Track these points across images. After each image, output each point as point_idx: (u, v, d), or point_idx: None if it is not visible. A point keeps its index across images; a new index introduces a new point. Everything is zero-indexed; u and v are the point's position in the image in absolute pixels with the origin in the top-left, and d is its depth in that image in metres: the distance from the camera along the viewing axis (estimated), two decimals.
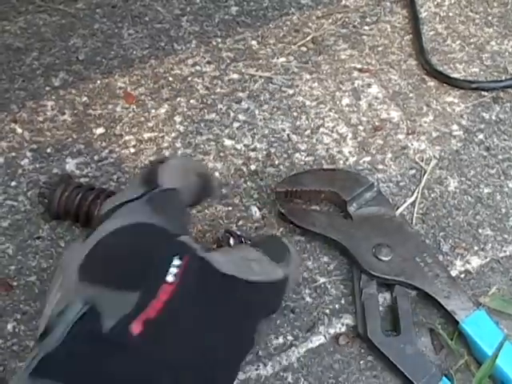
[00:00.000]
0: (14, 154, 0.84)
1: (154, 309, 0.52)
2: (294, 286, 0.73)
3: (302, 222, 0.77)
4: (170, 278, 0.54)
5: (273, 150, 0.86)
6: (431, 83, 0.95)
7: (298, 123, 0.89)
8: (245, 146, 0.86)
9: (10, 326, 0.71)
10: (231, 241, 0.73)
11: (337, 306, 0.73)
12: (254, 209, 0.80)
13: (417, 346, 0.69)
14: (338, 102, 0.91)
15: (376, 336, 0.69)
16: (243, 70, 0.94)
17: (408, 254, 0.75)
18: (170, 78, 0.93)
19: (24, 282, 0.74)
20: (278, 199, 0.79)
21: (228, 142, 0.86)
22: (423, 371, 0.67)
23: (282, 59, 0.96)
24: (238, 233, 0.75)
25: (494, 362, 0.67)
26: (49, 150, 0.84)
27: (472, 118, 0.91)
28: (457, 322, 0.71)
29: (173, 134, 0.87)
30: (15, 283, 0.74)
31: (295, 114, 0.90)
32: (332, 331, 0.71)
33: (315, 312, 0.73)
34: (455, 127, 0.90)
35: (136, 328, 0.51)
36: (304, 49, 0.98)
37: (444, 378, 0.67)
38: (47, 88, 0.91)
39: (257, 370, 0.68)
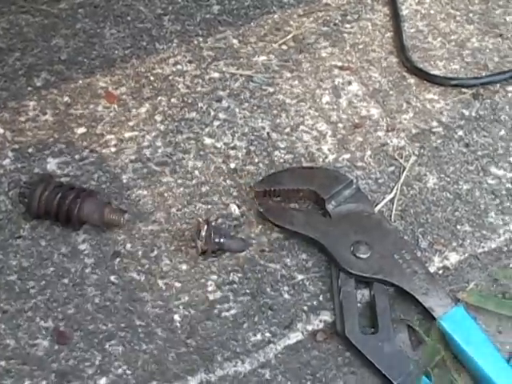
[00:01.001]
0: None
1: None
2: None
3: (280, 220, 0.78)
4: None
5: (252, 148, 0.86)
6: (411, 80, 0.95)
7: (277, 121, 0.89)
8: (225, 144, 0.86)
9: None
10: (202, 232, 0.74)
11: (315, 302, 0.74)
12: (234, 207, 0.80)
13: (395, 344, 0.70)
14: (318, 100, 0.92)
15: (354, 335, 0.70)
16: (224, 69, 0.95)
17: (386, 251, 0.75)
18: (152, 78, 0.93)
19: (5, 281, 0.74)
20: (257, 198, 0.79)
21: (208, 141, 0.87)
22: (400, 369, 0.68)
23: (263, 58, 0.96)
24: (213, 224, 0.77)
25: None
26: (30, 150, 0.85)
27: (452, 114, 0.92)
28: (434, 319, 0.71)
29: (153, 133, 0.87)
30: None
31: (275, 112, 0.90)
32: (310, 328, 0.72)
33: (293, 309, 0.73)
34: (435, 124, 0.90)
35: None
36: (285, 47, 0.98)
37: (424, 377, 0.68)
38: (29, 88, 0.91)
39: (235, 366, 0.69)
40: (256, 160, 0.85)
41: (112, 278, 0.75)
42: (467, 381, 0.69)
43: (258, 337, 0.71)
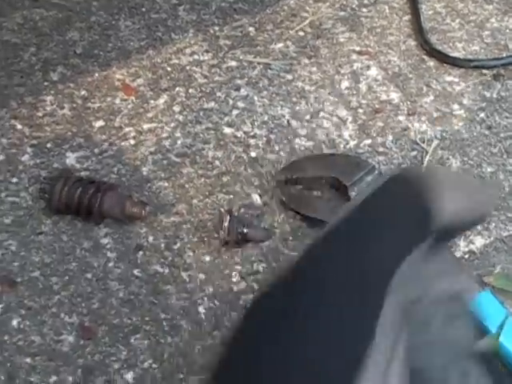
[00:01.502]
0: (14, 150, 0.84)
1: None
2: None
3: (302, 208, 0.77)
4: None
5: (273, 137, 0.85)
6: (431, 63, 0.94)
7: (297, 108, 0.88)
8: (244, 133, 0.86)
9: (15, 322, 0.71)
10: (224, 223, 0.73)
11: None
12: (255, 196, 0.80)
13: None
14: (337, 86, 0.91)
15: None
16: (241, 57, 0.94)
17: None
18: (169, 68, 0.93)
19: (28, 278, 0.74)
20: (279, 186, 0.79)
21: (227, 130, 0.86)
22: None
23: (280, 44, 0.95)
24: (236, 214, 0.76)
25: (496, 339, 0.67)
26: (49, 145, 0.84)
27: (473, 96, 0.90)
28: None
29: (172, 124, 0.86)
30: (19, 279, 0.74)
31: (294, 99, 0.89)
32: None
33: None
34: (456, 107, 0.89)
35: None
36: (302, 33, 0.97)
37: None
38: (46, 83, 0.91)
39: None
40: (276, 148, 0.84)
41: (135, 271, 0.75)
42: None
43: None
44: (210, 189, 0.80)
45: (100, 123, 0.87)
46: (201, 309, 0.72)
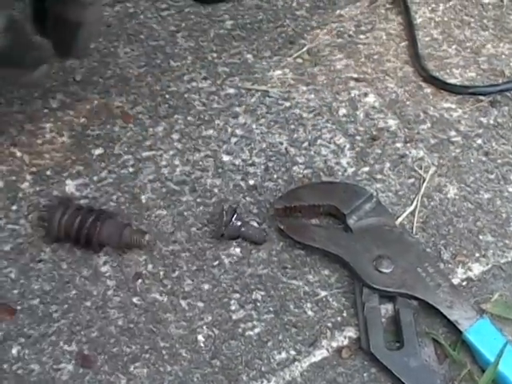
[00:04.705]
0: (14, 177, 0.84)
1: None
2: None
3: (301, 237, 0.77)
4: None
5: (271, 164, 0.86)
6: (428, 90, 0.95)
7: (295, 136, 0.89)
8: (243, 161, 0.86)
9: (14, 351, 0.71)
10: (225, 218, 0.76)
11: (339, 318, 0.73)
12: (254, 224, 0.80)
13: (421, 359, 0.69)
14: (334, 113, 0.91)
15: (379, 350, 0.69)
16: (239, 85, 0.94)
17: (409, 264, 0.75)
18: (167, 96, 0.93)
19: (27, 306, 0.74)
20: (277, 215, 0.79)
21: (226, 158, 0.86)
22: None
23: (278, 72, 0.96)
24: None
25: (495, 368, 0.67)
26: (48, 173, 0.85)
27: (470, 123, 0.91)
28: (460, 332, 0.71)
29: (171, 152, 0.87)
30: (19, 307, 0.74)
31: (292, 126, 0.90)
32: (335, 344, 0.71)
33: (317, 326, 0.73)
34: (453, 133, 0.90)
35: None
36: (300, 60, 0.98)
37: None
38: (45, 110, 0.91)
39: None
40: (275, 176, 0.84)
41: (134, 299, 0.75)
42: None
43: (283, 355, 0.71)
44: (208, 217, 0.81)
45: (99, 151, 0.87)
46: (200, 337, 0.72)
